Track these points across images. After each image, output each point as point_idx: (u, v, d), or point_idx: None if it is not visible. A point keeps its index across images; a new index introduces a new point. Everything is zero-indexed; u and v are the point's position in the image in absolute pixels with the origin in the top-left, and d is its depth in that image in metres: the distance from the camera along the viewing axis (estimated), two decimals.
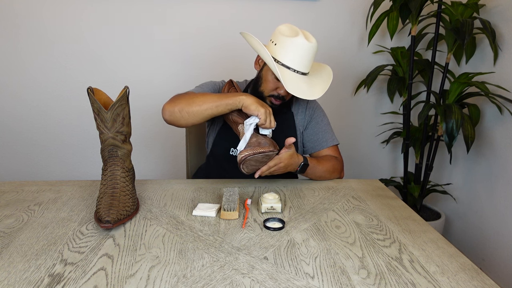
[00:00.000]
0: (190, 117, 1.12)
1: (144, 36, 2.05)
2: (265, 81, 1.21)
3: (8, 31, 1.97)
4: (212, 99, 1.11)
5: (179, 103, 1.12)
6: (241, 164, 1.03)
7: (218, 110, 1.11)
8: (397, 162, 2.41)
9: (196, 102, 1.11)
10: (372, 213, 1.02)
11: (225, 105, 1.10)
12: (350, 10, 2.13)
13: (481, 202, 1.99)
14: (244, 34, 1.19)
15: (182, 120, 1.13)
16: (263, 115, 1.06)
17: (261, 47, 1.11)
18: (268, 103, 1.22)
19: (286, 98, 1.22)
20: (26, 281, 0.68)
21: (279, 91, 1.19)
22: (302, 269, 0.74)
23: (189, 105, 1.11)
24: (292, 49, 1.12)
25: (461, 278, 0.73)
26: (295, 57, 1.13)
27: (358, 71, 2.22)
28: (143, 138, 2.18)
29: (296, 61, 1.13)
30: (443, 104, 1.85)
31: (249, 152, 1.01)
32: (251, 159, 1.02)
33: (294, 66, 1.13)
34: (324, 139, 1.32)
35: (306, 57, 1.14)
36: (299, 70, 1.14)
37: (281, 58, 1.14)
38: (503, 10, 1.82)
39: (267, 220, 0.93)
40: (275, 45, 1.15)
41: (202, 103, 1.11)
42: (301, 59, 1.13)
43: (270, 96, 1.21)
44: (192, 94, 1.17)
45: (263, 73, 1.22)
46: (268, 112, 1.08)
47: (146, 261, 0.75)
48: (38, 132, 2.11)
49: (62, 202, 1.02)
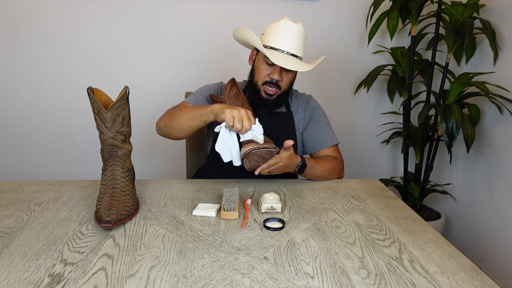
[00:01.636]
0: (174, 132, 1.16)
1: (144, 36, 2.05)
2: (257, 70, 1.23)
3: (8, 31, 1.97)
4: (188, 112, 1.12)
5: (164, 119, 1.18)
6: (245, 158, 1.02)
7: (194, 123, 1.11)
8: (397, 162, 2.41)
9: (176, 117, 1.14)
10: (372, 213, 1.02)
11: (199, 117, 1.09)
12: (350, 10, 2.13)
13: (481, 202, 1.99)
14: (236, 30, 1.23)
15: (170, 135, 1.18)
16: (228, 116, 0.99)
17: (248, 33, 1.16)
18: (264, 95, 1.23)
19: (281, 84, 1.22)
20: (26, 281, 0.68)
21: (272, 76, 1.20)
22: (302, 269, 0.74)
23: (171, 120, 1.15)
24: (278, 31, 1.17)
25: (461, 278, 0.73)
26: (282, 39, 1.17)
27: (358, 71, 2.22)
28: (143, 138, 2.18)
29: (283, 42, 1.17)
30: (443, 104, 1.85)
31: (253, 146, 1.02)
32: (255, 154, 1.02)
33: (281, 47, 1.17)
34: (324, 139, 1.32)
35: (293, 38, 1.17)
36: (288, 51, 1.17)
37: (268, 43, 1.18)
38: (503, 10, 1.82)
39: (267, 220, 0.93)
40: (263, 35, 1.21)
41: (180, 117, 1.13)
42: (288, 40, 1.17)
43: (264, 84, 1.22)
44: (176, 108, 1.20)
45: (256, 64, 1.25)
46: (236, 113, 1.00)
47: (146, 261, 0.75)
48: (38, 132, 2.11)
49: (62, 202, 1.02)
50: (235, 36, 1.28)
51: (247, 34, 1.17)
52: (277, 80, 1.20)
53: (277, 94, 1.24)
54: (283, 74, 1.21)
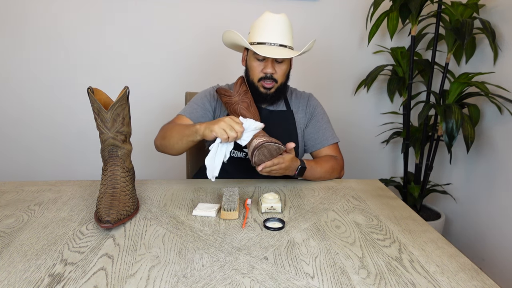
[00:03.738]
0: (169, 151, 1.20)
1: (144, 36, 2.05)
2: (251, 69, 1.24)
3: (8, 31, 1.97)
4: (176, 132, 1.16)
5: (158, 138, 1.23)
6: (256, 150, 1.02)
7: (183, 143, 1.14)
8: (397, 162, 2.41)
9: (167, 137, 1.19)
10: (372, 213, 1.02)
11: (186, 137, 1.12)
12: (350, 10, 2.13)
13: (481, 202, 1.99)
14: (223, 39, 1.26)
15: (167, 153, 1.22)
16: (218, 130, 1.01)
17: (233, 34, 1.18)
18: (262, 91, 1.24)
19: (276, 77, 1.23)
20: (26, 281, 0.68)
21: (265, 71, 1.21)
22: (302, 269, 0.74)
23: (163, 140, 1.20)
24: (262, 25, 1.19)
25: (461, 278, 0.73)
26: (267, 31, 1.18)
27: (358, 71, 2.22)
28: (143, 138, 2.18)
29: (268, 35, 1.18)
30: (443, 104, 1.85)
31: (266, 139, 1.02)
32: (266, 147, 1.02)
33: (268, 40, 1.18)
34: (324, 137, 1.32)
35: (277, 29, 1.18)
36: (274, 42, 1.18)
37: (255, 39, 1.20)
38: (503, 10, 1.82)
39: (267, 220, 0.93)
40: (249, 33, 1.23)
41: (170, 137, 1.17)
42: (273, 32, 1.18)
43: (260, 80, 1.23)
44: (169, 125, 1.23)
45: (248, 63, 1.26)
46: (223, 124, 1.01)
47: (146, 261, 0.75)
48: (37, 132, 2.11)
49: (62, 202, 1.02)
50: (224, 43, 1.30)
51: (233, 35, 1.19)
52: (271, 74, 1.21)
53: (275, 87, 1.24)
54: (276, 66, 1.21)
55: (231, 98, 1.18)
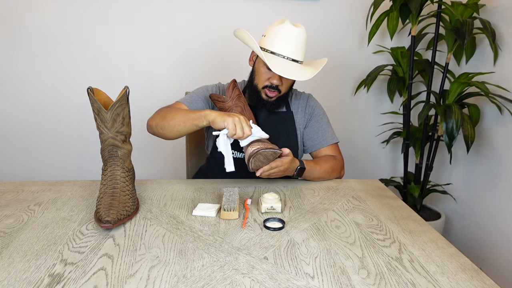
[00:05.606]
0: (165, 132, 1.15)
1: (144, 36, 2.05)
2: (257, 73, 1.22)
3: (8, 31, 1.97)
4: (181, 115, 1.12)
5: (155, 119, 1.18)
6: (252, 157, 1.02)
7: (186, 126, 1.10)
8: (397, 162, 2.41)
9: (167, 118, 1.14)
10: (372, 213, 1.02)
11: (191, 120, 1.09)
12: (350, 10, 2.13)
13: (481, 202, 1.99)
14: (236, 31, 1.21)
15: (160, 135, 1.18)
16: (231, 124, 1.01)
17: (249, 38, 1.13)
18: (264, 97, 1.23)
19: (281, 88, 1.21)
20: (26, 281, 0.68)
21: (271, 81, 1.20)
22: (302, 269, 0.74)
23: (162, 120, 1.15)
24: (279, 36, 1.15)
25: (461, 278, 0.73)
26: (282, 43, 1.14)
27: (358, 71, 2.22)
28: (144, 138, 2.18)
29: (283, 47, 1.14)
30: (443, 104, 1.85)
31: (261, 146, 1.02)
32: (261, 154, 1.02)
33: (282, 52, 1.14)
34: (324, 138, 1.32)
35: (294, 43, 1.15)
36: (288, 56, 1.15)
37: (269, 47, 1.16)
38: (503, 10, 1.82)
39: (267, 220, 0.93)
40: (264, 37, 1.19)
41: (172, 119, 1.13)
42: (288, 45, 1.14)
43: (264, 87, 1.22)
44: (169, 108, 1.19)
45: (256, 66, 1.24)
46: (237, 120, 1.02)
47: (146, 261, 0.75)
48: (38, 132, 2.11)
49: (62, 202, 1.02)
50: (235, 35, 1.27)
51: (247, 38, 1.16)
52: (277, 85, 1.20)
53: (277, 96, 1.24)
54: (283, 79, 1.20)
55: (225, 103, 1.18)
